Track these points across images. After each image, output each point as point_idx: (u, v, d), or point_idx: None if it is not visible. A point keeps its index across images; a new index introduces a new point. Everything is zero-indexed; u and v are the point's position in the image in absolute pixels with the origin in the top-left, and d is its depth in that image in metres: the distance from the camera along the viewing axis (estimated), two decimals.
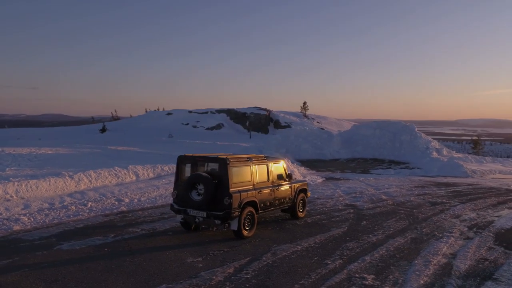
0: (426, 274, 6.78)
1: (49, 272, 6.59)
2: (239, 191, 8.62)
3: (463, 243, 8.81)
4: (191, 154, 9.41)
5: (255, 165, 9.33)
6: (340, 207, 12.44)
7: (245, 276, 6.53)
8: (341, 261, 7.37)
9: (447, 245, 8.62)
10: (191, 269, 6.84)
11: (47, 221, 10.00)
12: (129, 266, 6.94)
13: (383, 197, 14.51)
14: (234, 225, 8.54)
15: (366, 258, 7.56)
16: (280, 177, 10.13)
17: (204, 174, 8.59)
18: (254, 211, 8.96)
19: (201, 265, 7.05)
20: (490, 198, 15.00)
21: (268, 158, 9.98)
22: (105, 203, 12.02)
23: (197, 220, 8.69)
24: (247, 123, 58.07)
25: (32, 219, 10.01)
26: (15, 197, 11.28)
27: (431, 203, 13.49)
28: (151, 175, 15.37)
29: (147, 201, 12.61)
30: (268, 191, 9.54)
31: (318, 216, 11.14)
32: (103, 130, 46.90)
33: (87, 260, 7.19)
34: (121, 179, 14.25)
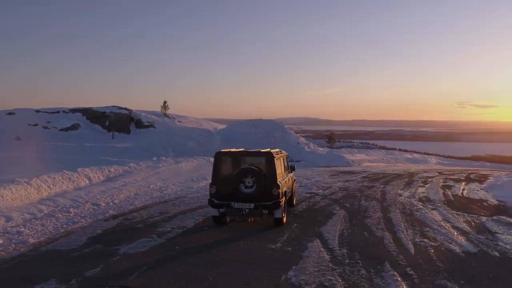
0: (458, 234, 8.74)
1: (163, 271, 6.38)
2: (280, 182, 9.33)
3: (438, 212, 11.20)
4: (228, 150, 9.68)
5: (280, 158, 10.11)
6: (306, 195, 13.89)
7: (343, 251, 7.43)
8: (387, 232, 8.82)
9: (431, 214, 10.87)
10: (288, 253, 7.38)
11: (52, 230, 8.94)
12: (231, 257, 7.11)
13: (324, 185, 16.50)
14: (278, 214, 9.20)
15: (400, 228, 9.18)
16: (286, 168, 11.07)
17: (254, 167, 9.03)
18: (285, 200, 9.76)
19: (289, 248, 7.65)
20: (396, 180, 18.38)
21: (281, 152, 10.81)
22: (85, 208, 11.04)
23: (243, 212, 9.06)
24: (107, 123, 55.07)
25: (34, 231, 8.83)
26: None
27: (367, 187, 16.00)
28: (102, 177, 14.33)
29: (124, 203, 11.97)
30: (286, 181, 10.41)
31: (303, 204, 12.36)
32: None
33: (178, 258, 7.08)
34: (76, 183, 13.03)
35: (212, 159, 20.29)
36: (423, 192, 14.88)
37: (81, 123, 53.80)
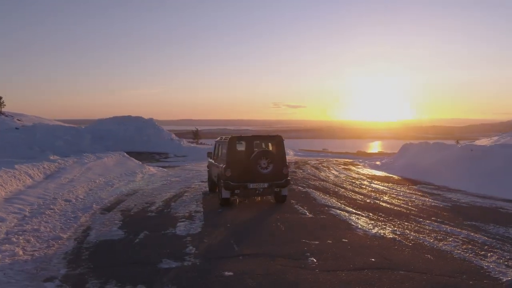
0: (420, 196, 11.09)
1: (254, 241, 6.82)
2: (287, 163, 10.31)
3: (378, 185, 13.62)
4: (241, 135, 10.14)
5: None
6: None
7: (368, 213, 8.90)
8: (372, 199, 10.65)
9: (377, 186, 13.21)
10: (327, 219, 8.48)
11: (64, 226, 8.17)
12: (290, 225, 7.88)
13: None
14: (285, 191, 10.18)
15: (376, 196, 11.14)
16: None
17: (268, 150, 9.80)
18: None
19: (324, 216, 8.76)
20: (303, 167, 20.76)
21: None
22: (62, 204, 9.98)
23: (257, 191, 9.75)
24: None
25: (48, 228, 7.96)
26: None
27: (292, 172, 17.82)
28: (40, 174, 12.73)
29: (92, 198, 11.12)
30: None
31: None
32: None
33: (248, 232, 7.56)
34: (22, 181, 11.45)
35: (126, 154, 19.60)
36: (339, 174, 17.41)
37: None
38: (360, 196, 11.19)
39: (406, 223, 7.94)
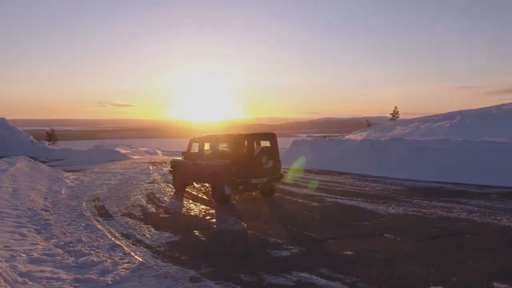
0: (369, 183, 13.12)
1: (328, 226, 7.74)
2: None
3: (316, 176, 15.36)
4: (242, 133, 10.46)
5: None
6: None
7: (359, 198, 10.42)
8: (341, 188, 12.26)
9: (320, 178, 14.92)
10: (334, 206, 9.73)
11: (91, 235, 7.78)
12: (313, 214, 8.90)
13: None
14: (277, 184, 11.01)
15: (335, 182, 12.78)
16: None
17: (270, 147, 10.45)
18: None
19: (329, 203, 9.98)
20: None
21: None
22: (50, 215, 9.14)
23: (258, 186, 10.37)
24: None
25: (90, 239, 7.47)
26: None
27: None
28: None
29: (62, 204, 10.32)
30: None
31: None
32: None
33: (291, 221, 8.33)
34: None
35: (31, 159, 17.48)
36: None
37: None
38: (322, 186, 12.68)
39: (402, 203, 9.67)
